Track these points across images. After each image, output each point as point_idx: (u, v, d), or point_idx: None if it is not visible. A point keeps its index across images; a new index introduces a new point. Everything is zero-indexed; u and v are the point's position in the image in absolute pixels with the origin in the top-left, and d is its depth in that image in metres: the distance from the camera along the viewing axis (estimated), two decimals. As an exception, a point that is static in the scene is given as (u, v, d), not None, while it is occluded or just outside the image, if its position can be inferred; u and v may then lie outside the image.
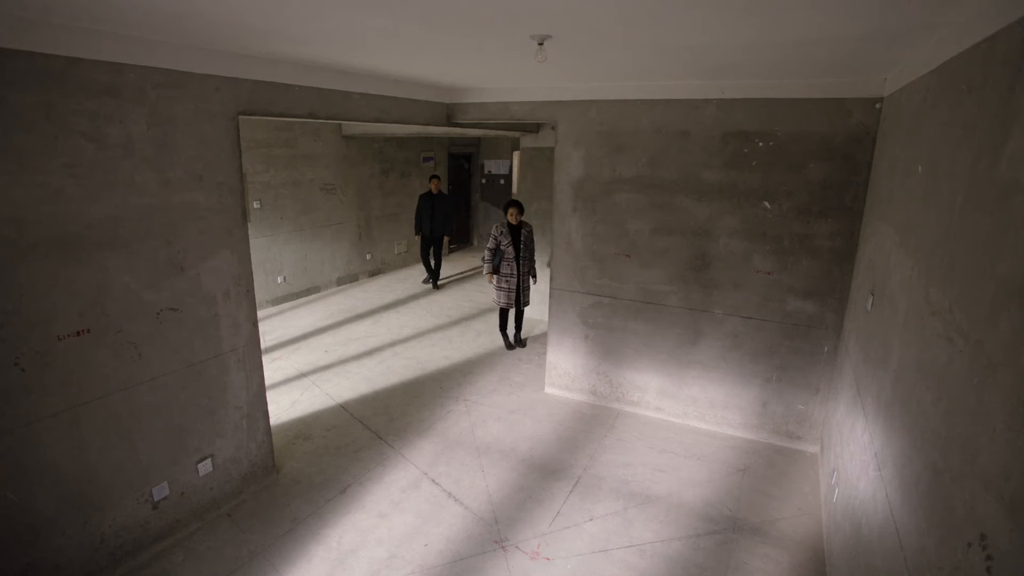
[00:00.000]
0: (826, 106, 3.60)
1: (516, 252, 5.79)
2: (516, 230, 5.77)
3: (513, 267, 5.78)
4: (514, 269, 5.78)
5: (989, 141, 1.48)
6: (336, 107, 3.76)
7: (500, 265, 5.79)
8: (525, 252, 5.81)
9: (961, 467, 1.35)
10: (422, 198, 8.25)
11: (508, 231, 5.72)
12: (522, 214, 5.81)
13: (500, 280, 5.83)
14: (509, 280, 5.82)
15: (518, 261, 5.80)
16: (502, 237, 5.71)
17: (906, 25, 2.01)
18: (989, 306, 1.32)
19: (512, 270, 5.79)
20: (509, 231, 5.73)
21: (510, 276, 5.80)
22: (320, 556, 3.06)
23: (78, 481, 2.64)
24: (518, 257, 5.80)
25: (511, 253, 5.76)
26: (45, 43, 2.25)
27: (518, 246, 5.80)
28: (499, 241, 5.73)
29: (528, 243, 5.83)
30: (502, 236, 5.71)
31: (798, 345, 4.05)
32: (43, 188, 2.35)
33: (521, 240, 5.80)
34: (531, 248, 5.89)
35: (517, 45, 2.56)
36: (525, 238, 5.81)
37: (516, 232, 5.77)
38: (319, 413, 4.64)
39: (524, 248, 5.80)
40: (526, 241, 5.81)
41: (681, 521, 3.40)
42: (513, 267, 5.78)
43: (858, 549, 2.31)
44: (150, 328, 2.84)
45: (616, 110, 4.24)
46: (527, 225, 5.86)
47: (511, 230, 5.74)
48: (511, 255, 5.76)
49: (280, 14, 2.07)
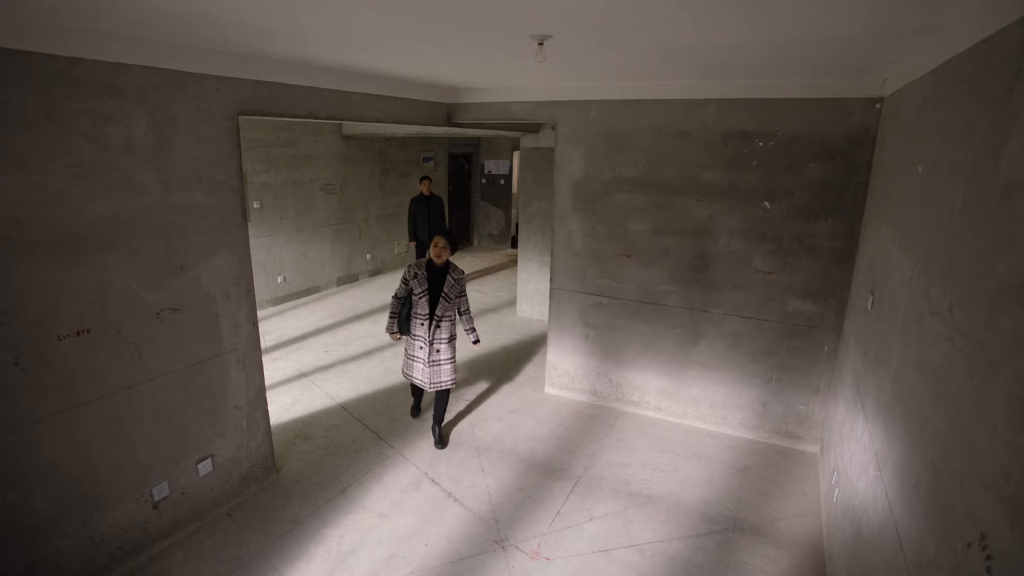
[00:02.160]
0: (826, 106, 3.60)
1: (431, 306, 3.86)
2: (438, 272, 3.90)
3: (426, 329, 3.88)
4: (426, 333, 3.88)
5: (989, 141, 1.48)
6: (336, 107, 3.76)
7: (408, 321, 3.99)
8: (446, 307, 3.89)
9: (961, 467, 1.35)
10: (414, 202, 7.72)
11: (425, 272, 3.87)
12: (451, 247, 3.90)
13: (410, 343, 4.05)
14: (416, 347, 3.98)
15: (432, 320, 3.87)
16: (414, 281, 3.87)
17: (906, 25, 2.01)
18: (989, 306, 1.32)
19: (424, 334, 3.89)
20: (427, 272, 3.87)
21: (420, 343, 3.94)
22: (320, 556, 3.06)
23: (78, 481, 2.64)
24: (432, 314, 3.86)
25: (423, 307, 3.86)
26: (45, 43, 2.25)
27: (435, 296, 3.87)
28: (408, 285, 3.92)
29: (454, 292, 3.91)
30: (415, 280, 3.87)
31: (798, 345, 4.05)
32: (43, 188, 2.35)
33: (443, 289, 3.87)
34: (458, 300, 3.99)
35: (517, 45, 2.56)
36: (451, 287, 3.89)
37: (437, 275, 3.90)
38: (319, 413, 4.64)
39: (445, 300, 3.87)
40: (450, 291, 3.89)
41: (681, 521, 3.40)
42: (426, 329, 3.88)
43: (858, 549, 2.31)
44: (150, 328, 2.84)
45: (616, 110, 4.24)
46: (457, 270, 3.97)
47: (429, 271, 3.88)
48: (423, 310, 3.87)
49: (280, 14, 2.07)
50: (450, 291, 3.90)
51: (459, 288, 3.96)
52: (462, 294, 4.00)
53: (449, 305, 3.90)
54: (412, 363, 4.05)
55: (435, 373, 4.00)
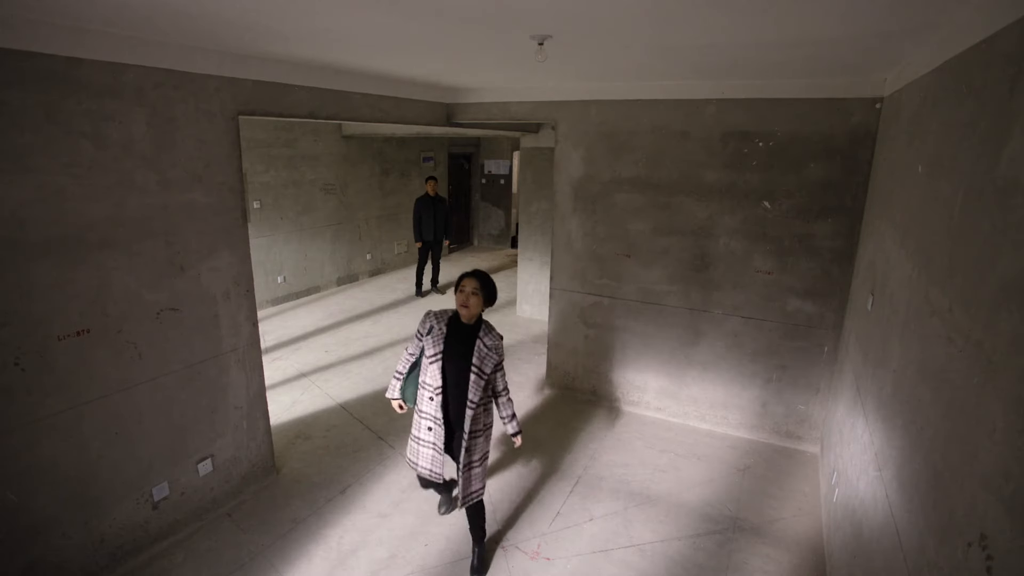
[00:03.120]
0: (826, 106, 3.60)
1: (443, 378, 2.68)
2: (464, 333, 2.69)
3: (438, 405, 2.69)
4: (439, 411, 2.70)
5: (989, 141, 1.48)
6: (336, 107, 3.76)
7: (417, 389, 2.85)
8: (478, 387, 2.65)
9: (961, 467, 1.35)
10: (419, 202, 7.65)
11: (445, 328, 2.69)
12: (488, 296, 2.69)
13: (416, 421, 2.82)
14: (423, 427, 2.78)
15: (446, 395, 2.70)
16: (428, 338, 2.70)
17: (906, 25, 2.01)
18: (989, 306, 1.32)
19: (433, 412, 2.71)
20: (446, 329, 2.70)
21: (432, 421, 2.73)
22: (320, 556, 3.06)
23: (78, 481, 2.64)
24: (446, 387, 2.69)
25: (435, 377, 2.67)
26: (45, 43, 2.25)
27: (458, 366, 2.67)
28: (421, 342, 2.77)
29: (488, 366, 2.67)
30: (428, 336, 2.70)
31: (798, 345, 4.05)
32: (43, 188, 2.35)
33: (471, 361, 2.65)
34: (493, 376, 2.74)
35: (517, 45, 2.56)
36: (483, 357, 2.67)
37: (462, 336, 2.69)
38: (319, 413, 4.64)
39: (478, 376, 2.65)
40: (483, 363, 2.66)
41: (681, 521, 3.40)
42: (438, 405, 2.69)
43: (858, 549, 2.31)
44: (150, 328, 2.84)
45: (616, 110, 4.24)
46: (492, 334, 2.72)
47: (451, 328, 2.70)
48: (433, 380, 2.68)
49: (281, 14, 2.07)
50: (482, 364, 2.66)
51: (496, 359, 2.69)
52: (498, 367, 2.75)
53: (484, 383, 2.67)
54: (419, 447, 2.82)
55: (465, 481, 2.76)
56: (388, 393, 3.05)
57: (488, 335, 2.73)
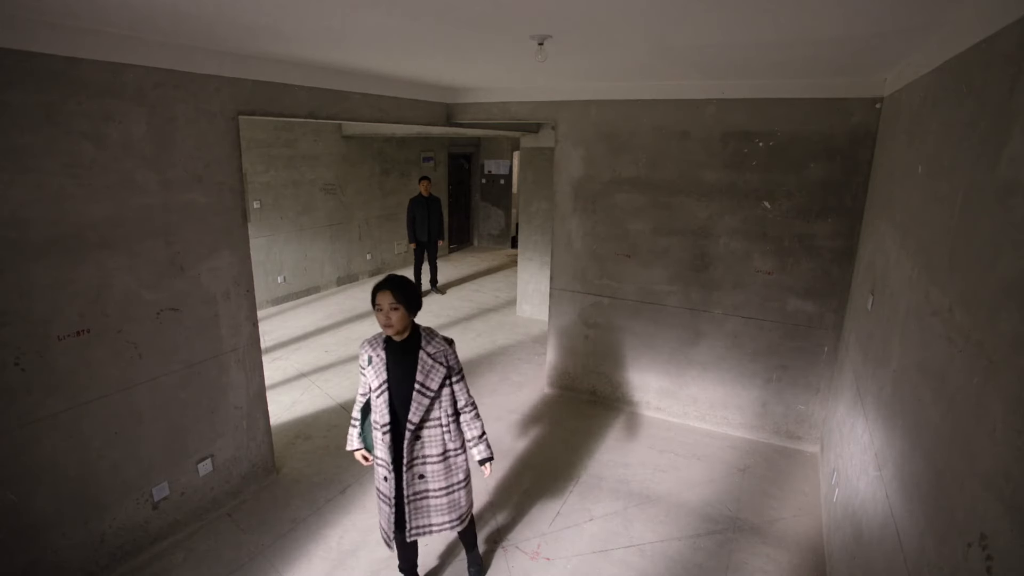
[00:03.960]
0: (826, 106, 3.60)
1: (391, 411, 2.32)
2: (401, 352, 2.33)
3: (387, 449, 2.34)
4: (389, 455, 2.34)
5: (989, 141, 1.48)
6: (336, 107, 3.76)
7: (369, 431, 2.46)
8: (423, 407, 2.31)
9: (961, 467, 1.35)
10: (413, 202, 7.59)
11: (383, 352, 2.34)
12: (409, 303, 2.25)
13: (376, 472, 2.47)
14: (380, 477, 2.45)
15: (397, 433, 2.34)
16: (369, 369, 2.35)
17: (906, 25, 2.01)
18: (989, 306, 1.32)
19: (387, 456, 2.35)
20: (384, 353, 2.34)
21: (386, 468, 2.38)
22: (320, 556, 3.06)
23: (78, 481, 2.64)
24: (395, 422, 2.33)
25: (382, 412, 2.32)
26: (45, 43, 2.25)
27: (402, 391, 2.32)
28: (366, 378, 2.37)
29: (434, 380, 2.32)
30: (369, 367, 2.34)
31: (798, 345, 4.05)
32: (43, 188, 2.35)
33: (415, 379, 2.30)
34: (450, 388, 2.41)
35: (517, 45, 2.56)
36: (428, 372, 2.31)
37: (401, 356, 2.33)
38: (319, 413, 4.64)
39: (421, 395, 2.30)
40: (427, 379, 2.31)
41: (681, 521, 3.40)
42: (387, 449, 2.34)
43: (858, 549, 2.31)
44: (150, 328, 2.84)
45: (616, 110, 4.24)
46: (435, 340, 2.36)
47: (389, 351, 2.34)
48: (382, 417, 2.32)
49: (281, 14, 2.07)
50: (427, 380, 2.30)
51: (443, 371, 2.33)
52: (451, 379, 2.39)
53: (431, 402, 2.33)
54: (380, 504, 2.48)
55: (416, 513, 2.41)
56: (348, 446, 2.59)
57: (430, 343, 2.34)
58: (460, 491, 2.51)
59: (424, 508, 2.44)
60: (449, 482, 2.46)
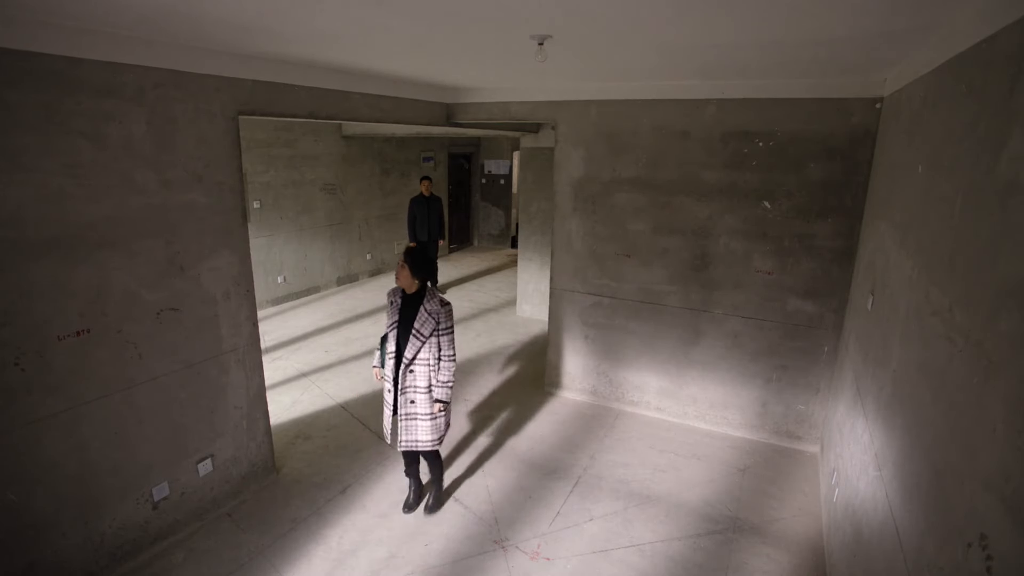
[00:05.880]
0: (826, 106, 3.60)
1: (397, 343, 3.11)
2: (411, 301, 3.10)
3: (393, 369, 3.15)
4: (391, 375, 3.17)
5: (989, 141, 1.48)
6: (336, 107, 3.76)
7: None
8: (416, 347, 3.04)
9: (961, 467, 1.35)
10: (414, 202, 7.58)
11: (399, 300, 3.13)
12: (417, 268, 3.01)
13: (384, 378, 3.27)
14: (386, 389, 3.23)
15: (399, 360, 3.11)
16: (389, 309, 3.18)
17: (906, 25, 2.01)
18: (989, 306, 1.32)
19: (390, 375, 3.18)
20: (400, 300, 3.13)
21: (388, 384, 3.20)
22: (320, 556, 3.06)
23: (78, 481, 2.64)
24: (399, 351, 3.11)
25: (392, 342, 3.16)
26: (45, 43, 2.25)
27: (405, 330, 3.07)
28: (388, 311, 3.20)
29: (426, 329, 3.03)
30: (390, 307, 3.17)
31: (798, 345, 4.05)
32: (43, 188, 2.35)
33: (413, 324, 3.04)
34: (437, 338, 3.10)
35: (517, 45, 2.56)
36: (423, 322, 3.03)
37: (410, 304, 3.09)
38: (319, 413, 4.64)
39: (415, 339, 3.03)
40: (422, 327, 3.03)
41: (681, 521, 3.40)
42: (393, 369, 3.15)
43: (858, 549, 2.31)
44: (150, 328, 2.84)
45: (616, 110, 4.24)
46: (434, 300, 3.07)
47: (404, 299, 3.12)
48: (391, 346, 3.17)
49: (281, 14, 2.07)
50: (422, 327, 3.02)
51: (433, 323, 3.03)
52: (440, 332, 3.08)
53: (421, 345, 3.04)
54: (384, 409, 3.26)
55: (407, 429, 3.18)
56: (373, 362, 3.39)
57: (430, 301, 3.07)
58: (440, 418, 3.23)
59: (413, 427, 3.18)
60: (428, 410, 3.17)
